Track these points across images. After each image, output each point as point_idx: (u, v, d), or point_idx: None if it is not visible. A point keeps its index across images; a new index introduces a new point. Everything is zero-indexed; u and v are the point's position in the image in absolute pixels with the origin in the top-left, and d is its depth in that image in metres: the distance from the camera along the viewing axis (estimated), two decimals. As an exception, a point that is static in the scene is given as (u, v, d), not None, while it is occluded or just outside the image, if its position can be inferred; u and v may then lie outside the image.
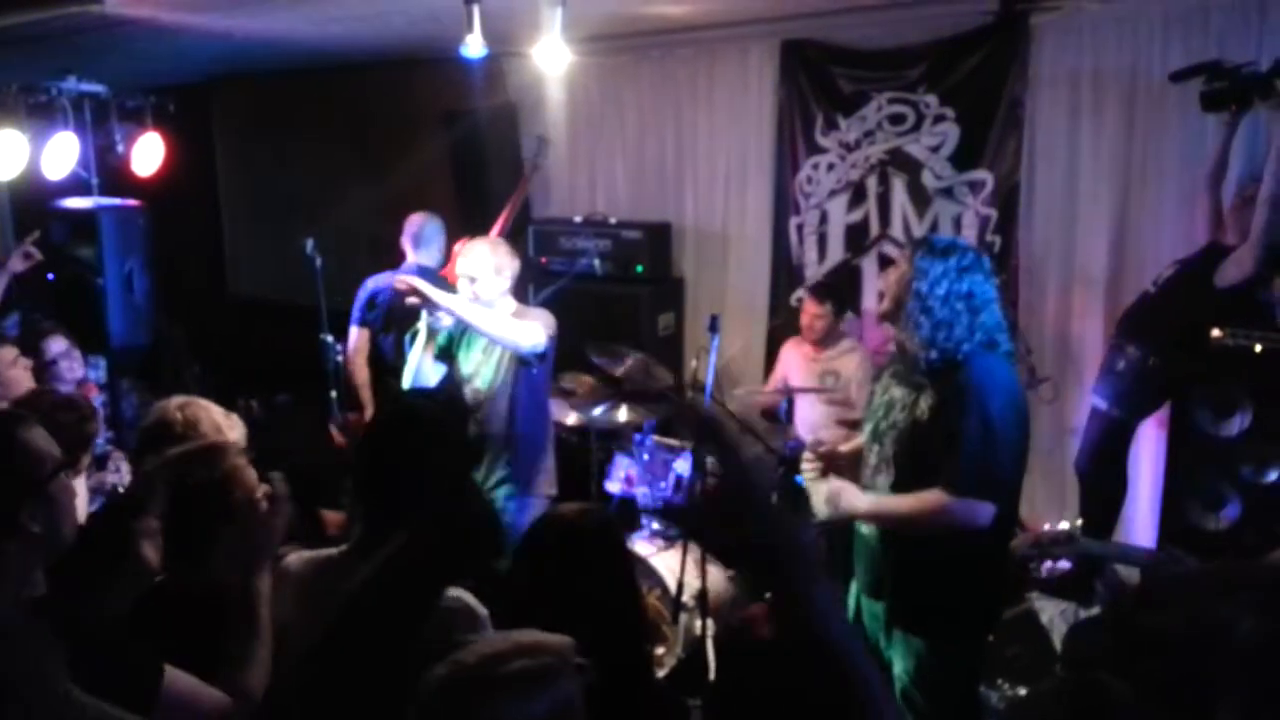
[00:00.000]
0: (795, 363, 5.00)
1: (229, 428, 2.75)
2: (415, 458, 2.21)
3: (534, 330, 3.72)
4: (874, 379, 3.16)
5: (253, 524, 2.15)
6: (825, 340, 4.87)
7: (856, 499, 2.85)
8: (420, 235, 4.94)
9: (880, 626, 2.97)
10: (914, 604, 2.85)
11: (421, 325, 3.78)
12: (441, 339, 3.85)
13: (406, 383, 3.86)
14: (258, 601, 2.07)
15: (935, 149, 5.04)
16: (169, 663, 1.81)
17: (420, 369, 3.81)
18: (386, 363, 4.73)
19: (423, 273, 4.75)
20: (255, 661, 2.01)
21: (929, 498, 2.70)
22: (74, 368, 4.20)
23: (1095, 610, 4.18)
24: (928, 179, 5.09)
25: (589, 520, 2.11)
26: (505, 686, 1.45)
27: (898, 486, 2.80)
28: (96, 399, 4.41)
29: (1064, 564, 4.45)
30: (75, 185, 5.33)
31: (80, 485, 3.02)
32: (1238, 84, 3.73)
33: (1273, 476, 3.70)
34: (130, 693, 1.72)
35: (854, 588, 3.12)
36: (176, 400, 2.74)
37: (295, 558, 2.26)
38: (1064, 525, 3.03)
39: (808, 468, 3.02)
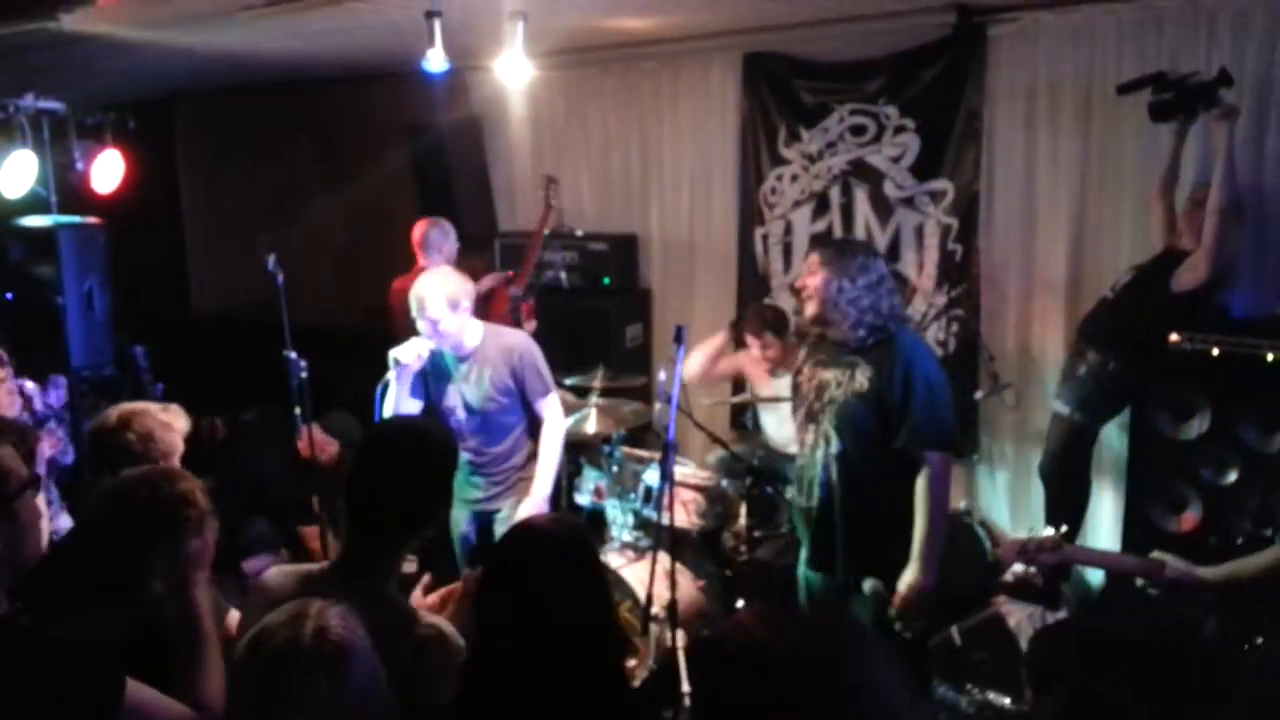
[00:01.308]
0: (756, 371, 4.95)
1: (173, 420, 2.74)
2: (400, 477, 2.20)
3: (559, 410, 3.93)
4: (794, 373, 3.46)
5: (187, 539, 2.15)
6: (784, 364, 4.69)
7: (914, 579, 3.08)
8: (425, 241, 5.17)
9: (834, 594, 3.28)
10: (865, 561, 3.18)
11: (391, 376, 3.73)
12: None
13: None
14: (198, 614, 2.08)
15: (896, 159, 5.09)
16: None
17: (399, 409, 3.77)
18: None
19: None
20: (208, 672, 2.00)
21: (922, 491, 3.05)
22: None
23: (1062, 614, 4.23)
24: (889, 189, 5.14)
25: (560, 528, 2.12)
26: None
27: (845, 455, 3.14)
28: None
29: (1030, 567, 4.51)
30: (34, 203, 5.26)
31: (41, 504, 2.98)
32: (1184, 94, 3.79)
33: (1232, 478, 3.77)
34: (91, 705, 1.71)
35: (801, 564, 3.46)
36: (117, 414, 2.70)
37: (275, 572, 2.25)
38: (1049, 531, 3.13)
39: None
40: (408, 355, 3.70)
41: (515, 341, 3.90)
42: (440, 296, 3.66)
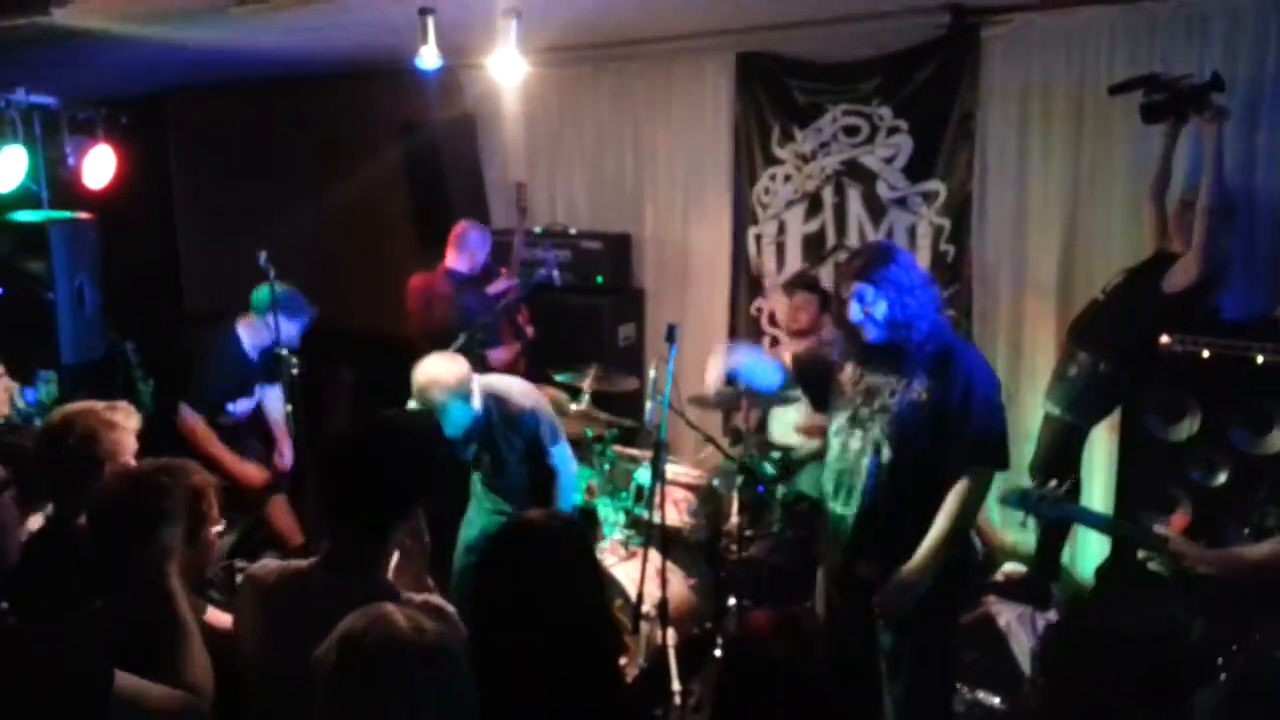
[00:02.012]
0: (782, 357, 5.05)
1: (119, 419, 2.67)
2: (380, 467, 2.19)
3: (568, 459, 3.97)
4: (831, 374, 3.28)
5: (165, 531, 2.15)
6: (808, 333, 4.80)
7: (909, 574, 2.97)
8: (464, 241, 5.29)
9: (863, 600, 3.12)
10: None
11: None
12: None
13: None
14: (175, 601, 2.08)
15: (889, 160, 5.10)
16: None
17: None
18: None
19: (452, 276, 5.21)
20: (192, 656, 2.00)
21: (957, 496, 2.95)
22: None
23: (1051, 613, 4.24)
24: (882, 190, 5.15)
25: (555, 524, 2.12)
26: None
27: (897, 465, 3.01)
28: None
29: (1020, 567, 4.53)
30: (25, 199, 5.24)
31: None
32: (1175, 96, 3.81)
33: (1222, 479, 3.78)
34: (79, 700, 1.70)
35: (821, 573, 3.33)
36: (60, 416, 2.64)
37: (261, 566, 2.25)
38: (1053, 484, 3.13)
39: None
40: None
41: (520, 408, 3.85)
42: (449, 396, 3.61)
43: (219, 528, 2.30)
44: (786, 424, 4.93)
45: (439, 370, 3.63)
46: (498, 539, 2.15)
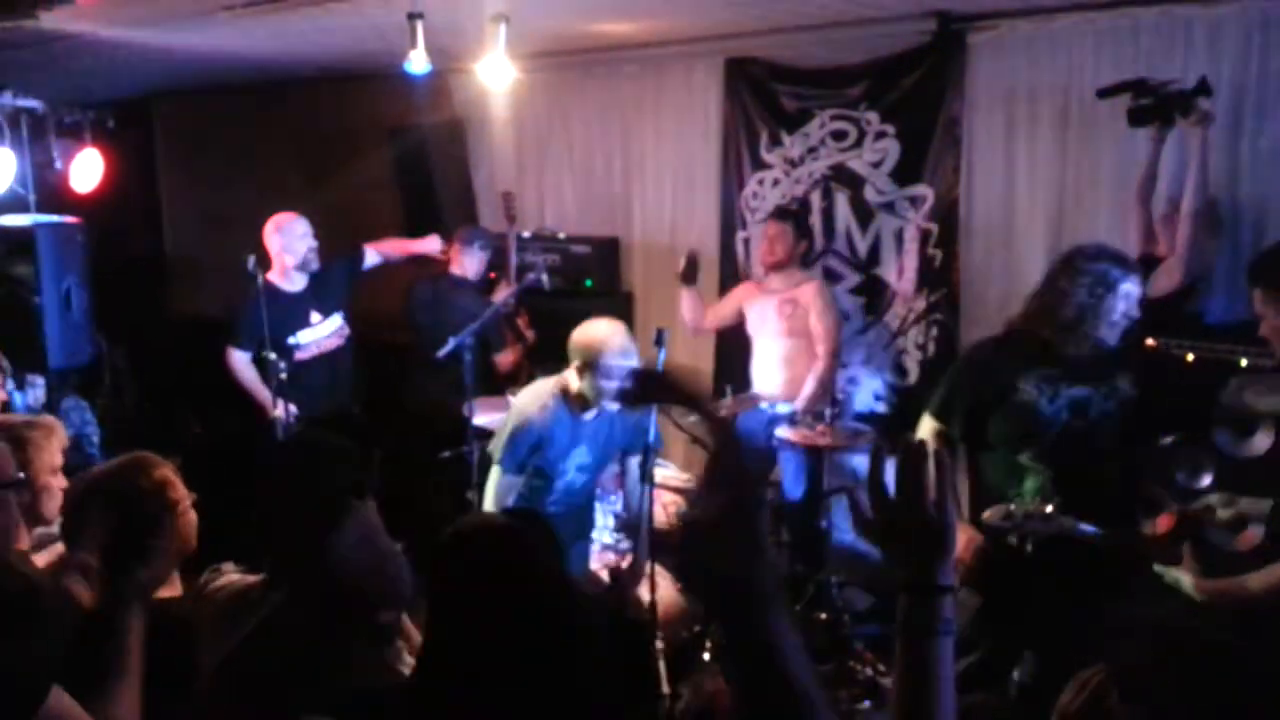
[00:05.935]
0: (749, 297, 5.09)
1: (43, 437, 2.57)
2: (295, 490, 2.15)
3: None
4: (996, 392, 3.25)
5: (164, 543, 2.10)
6: (787, 264, 4.88)
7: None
8: (467, 241, 5.39)
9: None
10: None
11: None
12: None
13: None
14: (129, 634, 1.95)
15: (876, 165, 5.13)
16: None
17: None
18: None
19: (456, 281, 5.31)
20: (123, 693, 1.89)
21: None
22: None
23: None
24: (870, 194, 5.17)
25: (502, 523, 2.10)
26: None
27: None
28: None
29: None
30: (12, 202, 5.23)
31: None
32: (1162, 101, 3.84)
33: (1205, 482, 3.80)
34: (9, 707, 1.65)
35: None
36: None
37: (223, 582, 2.23)
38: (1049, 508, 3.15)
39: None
40: None
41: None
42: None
43: (190, 503, 2.20)
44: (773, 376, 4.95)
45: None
46: (451, 537, 2.08)
